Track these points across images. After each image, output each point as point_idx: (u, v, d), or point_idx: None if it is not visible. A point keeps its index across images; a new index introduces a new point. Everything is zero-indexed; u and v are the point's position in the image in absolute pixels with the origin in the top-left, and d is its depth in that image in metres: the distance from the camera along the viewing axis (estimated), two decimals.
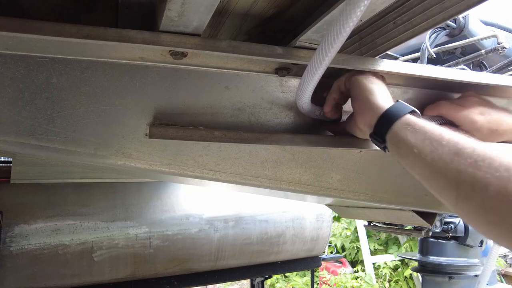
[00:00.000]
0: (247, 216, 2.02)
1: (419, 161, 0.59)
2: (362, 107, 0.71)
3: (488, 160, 0.51)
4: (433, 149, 0.57)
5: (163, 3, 0.58)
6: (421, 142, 0.59)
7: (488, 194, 0.49)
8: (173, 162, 0.73)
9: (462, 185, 0.52)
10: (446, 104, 0.82)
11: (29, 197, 1.62)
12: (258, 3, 0.72)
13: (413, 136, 0.60)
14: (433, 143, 0.58)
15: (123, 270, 1.72)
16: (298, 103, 0.75)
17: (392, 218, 1.20)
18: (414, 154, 0.59)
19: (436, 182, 0.57)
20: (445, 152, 0.55)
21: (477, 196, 0.51)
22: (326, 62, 0.62)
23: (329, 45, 0.59)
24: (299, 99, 0.74)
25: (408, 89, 0.89)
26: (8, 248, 1.51)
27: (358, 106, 0.73)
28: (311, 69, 0.65)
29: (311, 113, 0.78)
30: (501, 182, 0.48)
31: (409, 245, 5.44)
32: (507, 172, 0.48)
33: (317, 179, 0.84)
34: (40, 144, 0.66)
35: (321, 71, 0.65)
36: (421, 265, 2.31)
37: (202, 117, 0.74)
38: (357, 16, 0.55)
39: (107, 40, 0.61)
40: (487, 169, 0.50)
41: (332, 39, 0.58)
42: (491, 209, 0.49)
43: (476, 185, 0.51)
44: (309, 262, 2.36)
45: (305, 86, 0.69)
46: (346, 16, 0.55)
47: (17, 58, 0.64)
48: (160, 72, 0.71)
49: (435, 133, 0.59)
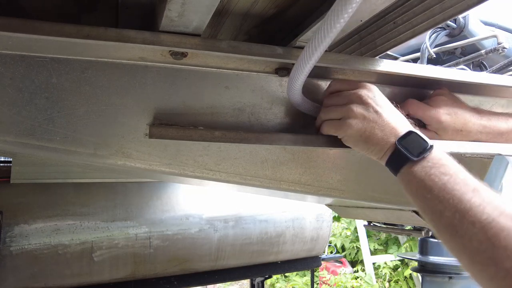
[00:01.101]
0: (247, 216, 2.02)
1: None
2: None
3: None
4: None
5: (163, 3, 0.58)
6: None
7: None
8: (173, 162, 0.73)
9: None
10: (414, 102, 0.83)
11: (29, 197, 1.62)
12: (258, 3, 0.72)
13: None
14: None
15: (123, 270, 1.72)
16: (289, 95, 0.74)
17: (392, 218, 1.20)
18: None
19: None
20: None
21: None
22: (318, 53, 0.61)
23: (320, 38, 0.59)
24: (289, 91, 0.73)
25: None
26: (8, 248, 1.51)
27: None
28: (302, 60, 0.64)
29: (303, 107, 0.77)
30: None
31: (409, 245, 5.44)
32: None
33: (317, 179, 0.84)
34: (40, 144, 0.66)
35: (311, 64, 0.64)
36: (421, 265, 2.31)
37: (202, 117, 0.74)
38: (348, 13, 0.54)
39: (107, 40, 0.61)
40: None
41: (324, 31, 0.58)
42: None
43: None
44: (309, 262, 2.35)
45: (295, 79, 0.68)
46: (337, 11, 0.54)
47: (17, 58, 0.64)
48: (160, 72, 0.71)
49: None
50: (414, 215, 1.02)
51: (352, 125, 0.69)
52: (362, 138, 0.69)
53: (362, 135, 0.69)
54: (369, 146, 0.69)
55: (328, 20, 0.56)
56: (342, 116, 0.71)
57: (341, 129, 0.71)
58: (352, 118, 0.69)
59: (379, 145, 0.68)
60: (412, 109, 0.82)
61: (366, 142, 0.69)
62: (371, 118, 0.68)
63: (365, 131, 0.68)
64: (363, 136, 0.69)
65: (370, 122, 0.68)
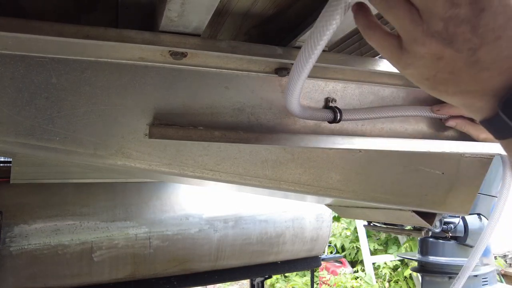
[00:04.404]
0: (247, 216, 2.02)
1: None
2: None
3: None
4: None
5: (163, 3, 0.58)
6: None
7: None
8: (173, 162, 0.73)
9: None
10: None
11: (29, 197, 1.62)
12: (258, 3, 0.72)
13: None
14: None
15: (122, 270, 1.72)
16: (288, 104, 0.69)
17: (392, 218, 1.20)
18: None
19: None
20: None
21: None
22: (315, 56, 0.58)
23: (316, 38, 0.54)
24: (288, 99, 0.68)
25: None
26: (8, 248, 1.51)
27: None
28: (298, 64, 0.61)
29: (303, 115, 0.74)
30: None
31: (408, 245, 5.45)
32: None
33: (317, 179, 0.84)
34: (40, 144, 0.66)
35: (309, 66, 0.61)
36: (420, 265, 2.31)
37: (202, 117, 0.74)
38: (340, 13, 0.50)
39: (107, 40, 0.61)
40: None
41: (319, 32, 0.51)
42: None
43: None
44: (309, 262, 2.36)
45: (293, 85, 0.65)
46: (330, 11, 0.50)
47: (17, 58, 0.64)
48: (160, 72, 0.71)
49: None
50: (414, 215, 1.02)
51: None
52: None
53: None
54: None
55: (319, 24, 0.50)
56: None
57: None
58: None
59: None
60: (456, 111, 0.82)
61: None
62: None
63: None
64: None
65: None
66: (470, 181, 0.96)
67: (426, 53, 0.42)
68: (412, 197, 0.93)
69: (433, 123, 0.91)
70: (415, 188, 0.93)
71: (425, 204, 0.95)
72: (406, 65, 0.45)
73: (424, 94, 0.90)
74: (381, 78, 0.84)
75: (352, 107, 0.83)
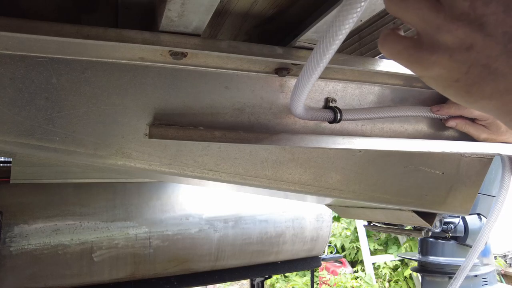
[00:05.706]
0: (247, 216, 2.02)
1: None
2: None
3: None
4: None
5: (163, 3, 0.58)
6: None
7: None
8: (173, 162, 0.73)
9: None
10: (454, 104, 0.82)
11: (29, 197, 1.62)
12: (258, 3, 0.72)
13: None
14: None
15: (123, 270, 1.72)
16: (293, 107, 0.70)
17: (392, 218, 1.20)
18: None
19: None
20: None
21: None
22: (325, 61, 0.59)
23: (328, 42, 0.55)
24: (295, 102, 0.68)
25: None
26: (8, 248, 1.51)
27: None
28: (308, 69, 0.62)
29: (307, 116, 0.75)
30: None
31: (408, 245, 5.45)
32: None
33: (317, 179, 0.84)
34: (40, 144, 0.66)
35: (319, 72, 0.62)
36: (420, 265, 2.31)
37: (202, 117, 0.74)
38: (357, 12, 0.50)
39: (107, 40, 0.61)
40: None
41: (331, 35, 0.53)
42: None
43: None
44: (309, 262, 2.36)
45: (301, 89, 0.65)
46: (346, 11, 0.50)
47: (17, 58, 0.64)
48: (160, 72, 0.71)
49: None
50: (414, 215, 1.02)
51: None
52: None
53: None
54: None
55: (338, 19, 0.50)
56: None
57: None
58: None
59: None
60: (459, 111, 0.81)
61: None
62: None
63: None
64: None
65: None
66: (470, 181, 0.96)
67: (453, 42, 0.34)
68: (412, 197, 0.93)
69: (433, 123, 0.91)
70: (415, 188, 0.93)
71: (425, 204, 0.95)
72: (430, 65, 0.36)
73: (424, 94, 0.90)
74: (381, 78, 0.84)
75: (352, 107, 0.83)
